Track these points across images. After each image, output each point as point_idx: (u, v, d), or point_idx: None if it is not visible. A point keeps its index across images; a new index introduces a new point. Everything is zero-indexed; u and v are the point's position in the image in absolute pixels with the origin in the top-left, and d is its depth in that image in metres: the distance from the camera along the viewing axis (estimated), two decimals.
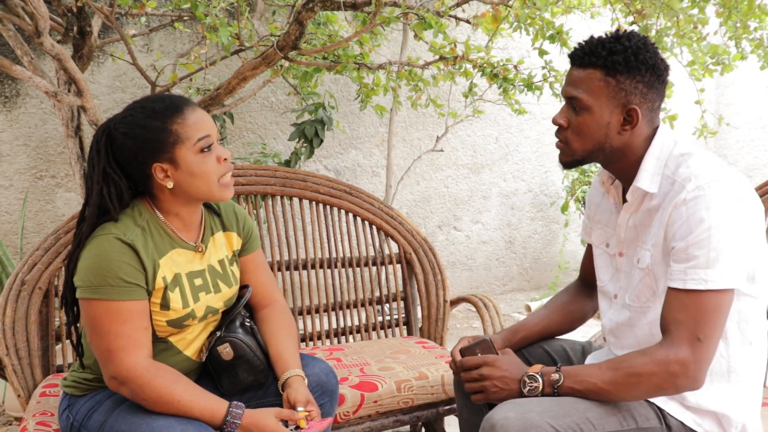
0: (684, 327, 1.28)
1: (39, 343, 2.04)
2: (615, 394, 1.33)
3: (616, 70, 1.36)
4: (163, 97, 1.51)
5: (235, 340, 1.62)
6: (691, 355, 1.27)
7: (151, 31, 3.50)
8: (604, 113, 1.38)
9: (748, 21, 2.81)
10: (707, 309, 1.27)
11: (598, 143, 1.41)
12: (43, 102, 3.79)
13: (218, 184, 1.51)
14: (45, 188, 3.87)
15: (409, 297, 2.66)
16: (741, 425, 1.39)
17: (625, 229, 1.49)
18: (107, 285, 1.42)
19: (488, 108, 4.59)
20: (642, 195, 1.43)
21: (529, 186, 5.23)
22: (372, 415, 2.01)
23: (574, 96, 1.40)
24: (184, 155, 1.47)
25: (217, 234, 1.68)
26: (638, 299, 1.45)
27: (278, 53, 2.49)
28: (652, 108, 1.41)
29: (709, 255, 1.27)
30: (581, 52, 1.41)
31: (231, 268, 1.69)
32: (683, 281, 1.29)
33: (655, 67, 1.38)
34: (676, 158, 1.39)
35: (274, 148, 4.28)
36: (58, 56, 2.35)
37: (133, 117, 1.48)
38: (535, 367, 1.41)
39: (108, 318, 1.42)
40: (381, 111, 3.29)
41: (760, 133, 5.94)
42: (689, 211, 1.30)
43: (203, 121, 1.49)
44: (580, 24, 4.05)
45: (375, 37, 3.13)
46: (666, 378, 1.28)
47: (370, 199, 2.66)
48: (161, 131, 1.45)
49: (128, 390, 1.43)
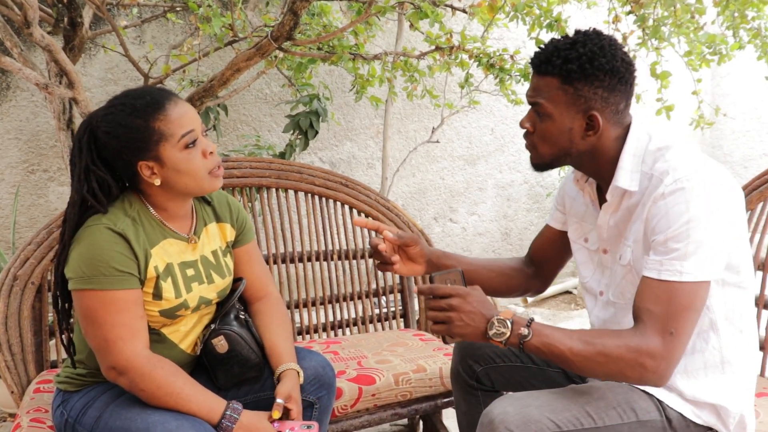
0: (657, 319, 1.26)
1: (32, 338, 2.02)
2: (578, 366, 1.27)
3: (572, 78, 1.35)
4: (144, 93, 1.47)
5: (230, 333, 1.60)
6: (663, 349, 1.24)
7: (143, 22, 3.46)
8: (565, 120, 1.38)
9: (746, 10, 2.79)
10: (680, 303, 1.25)
11: (563, 148, 1.41)
12: (34, 95, 3.75)
13: (207, 177, 1.49)
14: (37, 182, 3.83)
15: (406, 289, 2.65)
16: (739, 415, 1.38)
17: (607, 228, 1.48)
18: (100, 275, 1.40)
19: (484, 99, 4.57)
20: (621, 194, 1.42)
21: (524, 177, 5.21)
22: (370, 408, 2.00)
23: (536, 102, 1.41)
24: (169, 153, 1.44)
25: (210, 225, 1.66)
26: (623, 296, 1.45)
27: (272, 44, 2.45)
28: (617, 110, 1.39)
29: (687, 248, 1.26)
30: (538, 60, 1.40)
31: (225, 259, 1.67)
32: (658, 271, 1.28)
33: (614, 71, 1.35)
34: (652, 153, 1.37)
35: (268, 140, 4.25)
36: (48, 47, 2.31)
37: (115, 115, 1.45)
38: (506, 312, 1.31)
39: (103, 308, 1.40)
40: (376, 102, 3.26)
41: (755, 124, 5.93)
42: (668, 205, 1.29)
43: (186, 116, 1.46)
44: (576, 14, 4.02)
45: (370, 28, 3.10)
46: (634, 367, 1.25)
47: (366, 191, 2.65)
48: (144, 130, 1.42)
49: (127, 380, 1.41)
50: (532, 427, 1.26)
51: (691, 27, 2.84)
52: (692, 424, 1.37)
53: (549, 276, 1.75)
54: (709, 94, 5.62)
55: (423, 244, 1.64)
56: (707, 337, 1.37)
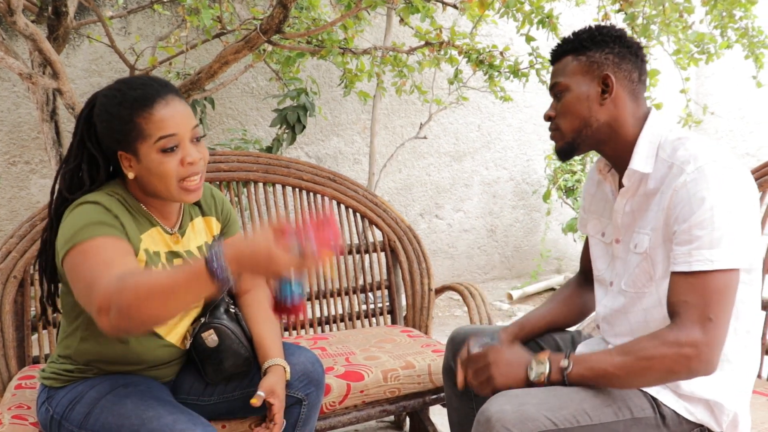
0: (694, 308, 1.26)
1: (14, 333, 1.98)
2: (626, 379, 1.30)
3: (584, 47, 1.45)
4: (143, 84, 1.42)
5: (220, 327, 1.58)
6: (703, 336, 1.25)
7: (129, 13, 3.41)
8: (581, 88, 1.44)
9: (734, 10, 2.81)
10: (716, 289, 1.25)
11: (583, 119, 1.44)
12: (15, 85, 3.69)
13: (177, 187, 1.42)
14: (18, 174, 3.77)
15: (394, 285, 2.64)
16: (733, 413, 1.38)
17: (622, 214, 1.48)
18: (79, 230, 1.34)
19: (471, 95, 4.57)
20: (639, 179, 1.43)
21: (511, 174, 5.23)
22: (358, 405, 1.98)
23: (554, 84, 1.48)
24: (145, 152, 1.40)
25: (197, 219, 1.64)
26: (634, 284, 1.44)
27: (261, 37, 2.43)
28: (630, 78, 1.44)
29: (712, 235, 1.26)
30: (554, 52, 1.51)
31: None
32: (689, 263, 1.28)
33: (621, 38, 1.45)
34: (672, 142, 1.39)
35: (254, 134, 4.22)
36: (32, 36, 2.27)
37: (108, 99, 1.42)
38: (542, 353, 1.38)
39: (82, 257, 1.31)
40: (365, 97, 3.24)
41: (739, 123, 5.99)
42: (690, 192, 1.29)
43: (171, 119, 1.39)
44: (565, 12, 4.03)
45: (359, 22, 3.08)
46: (678, 360, 1.25)
47: (354, 186, 2.63)
48: (126, 122, 1.39)
49: (116, 313, 1.20)
50: (530, 425, 1.25)
51: (680, 26, 2.86)
52: (685, 421, 1.37)
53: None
54: (694, 94, 5.67)
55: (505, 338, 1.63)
56: None
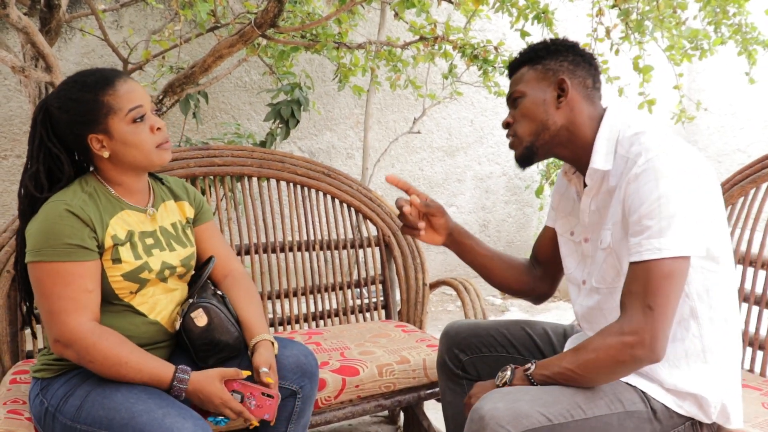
0: (635, 297, 1.28)
1: (7, 328, 1.97)
2: (582, 375, 1.32)
3: (539, 57, 1.51)
4: (95, 71, 1.54)
5: (209, 305, 1.62)
6: (644, 323, 1.26)
7: (122, 6, 3.39)
8: (537, 93, 1.48)
9: (727, 6, 2.82)
10: (657, 277, 1.27)
11: (540, 122, 1.47)
12: (7, 78, 3.66)
13: (155, 151, 1.55)
14: (10, 168, 3.75)
15: (388, 280, 2.64)
16: (720, 405, 1.40)
17: (588, 213, 1.51)
18: (49, 247, 1.44)
19: (464, 90, 4.57)
20: (600, 176, 1.46)
21: (503, 169, 5.23)
22: (353, 399, 1.99)
23: (511, 93, 1.54)
24: (117, 126, 1.50)
25: (168, 202, 1.72)
26: (604, 280, 1.47)
27: (256, 31, 2.42)
28: (585, 84, 1.49)
29: (660, 224, 1.28)
30: (510, 64, 1.57)
31: (185, 231, 1.72)
32: (639, 253, 1.30)
33: (574, 48, 1.51)
34: (629, 138, 1.42)
35: (248, 128, 4.20)
36: (25, 29, 2.25)
37: (66, 91, 1.52)
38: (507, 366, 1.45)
39: (49, 279, 1.44)
40: (359, 92, 3.24)
41: (729, 119, 6.02)
42: (640, 183, 1.32)
43: (134, 92, 1.52)
44: (560, 7, 4.03)
45: (353, 17, 3.07)
46: (622, 349, 1.27)
47: (348, 181, 2.63)
48: (93, 103, 1.49)
49: (73, 352, 1.42)
50: (524, 421, 1.26)
51: (673, 22, 2.86)
52: (675, 414, 1.39)
53: (555, 278, 1.76)
54: (686, 90, 5.69)
55: (447, 216, 1.70)
56: (687, 325, 1.38)
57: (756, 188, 2.11)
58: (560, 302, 4.58)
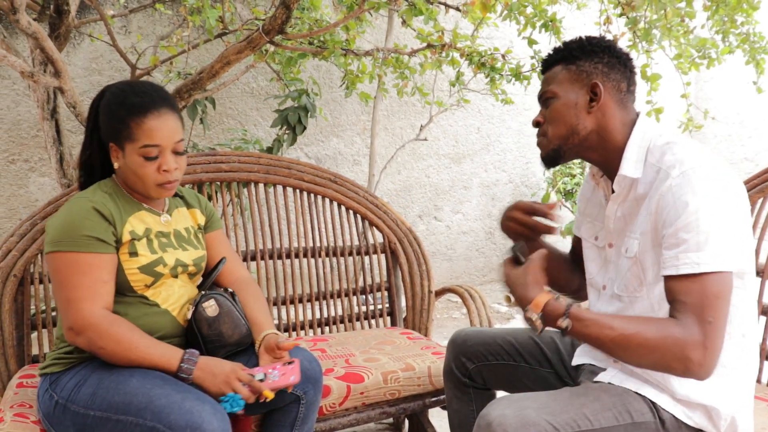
0: (691, 309, 1.25)
1: (14, 332, 1.98)
2: (617, 352, 1.28)
3: (574, 57, 1.46)
4: (144, 92, 1.57)
5: (219, 297, 1.67)
6: (705, 339, 1.23)
7: (131, 12, 3.41)
8: (570, 96, 1.45)
9: (735, 15, 2.81)
10: (710, 292, 1.24)
11: (570, 126, 1.45)
12: (15, 83, 3.68)
13: (154, 188, 1.59)
14: (17, 172, 3.76)
15: (393, 287, 2.64)
16: (730, 418, 1.38)
17: (614, 219, 1.49)
18: (69, 238, 1.50)
19: (471, 98, 4.57)
20: (629, 184, 1.43)
21: (510, 177, 5.23)
22: (358, 406, 1.98)
23: (543, 92, 1.50)
24: (130, 152, 1.56)
25: (181, 209, 1.77)
26: (627, 289, 1.45)
27: (264, 37, 2.43)
28: (619, 88, 1.45)
29: (698, 238, 1.26)
30: (544, 61, 1.53)
31: (197, 235, 1.77)
32: (676, 267, 1.27)
33: (610, 48, 1.46)
34: (660, 147, 1.39)
35: (254, 134, 4.21)
36: (35, 35, 2.26)
37: (114, 95, 1.58)
38: (541, 299, 1.34)
39: (68, 269, 1.50)
40: (366, 98, 3.24)
41: (737, 128, 6.01)
42: (675, 196, 1.30)
43: (158, 131, 1.55)
44: (567, 15, 4.04)
45: (360, 24, 3.08)
46: (681, 359, 1.23)
47: (354, 187, 2.63)
48: (121, 122, 1.55)
49: (85, 339, 1.47)
50: (531, 429, 1.25)
51: (681, 30, 2.86)
52: (684, 425, 1.37)
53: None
54: (693, 98, 5.68)
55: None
56: None
57: (764, 198, 2.10)
58: None
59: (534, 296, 1.35)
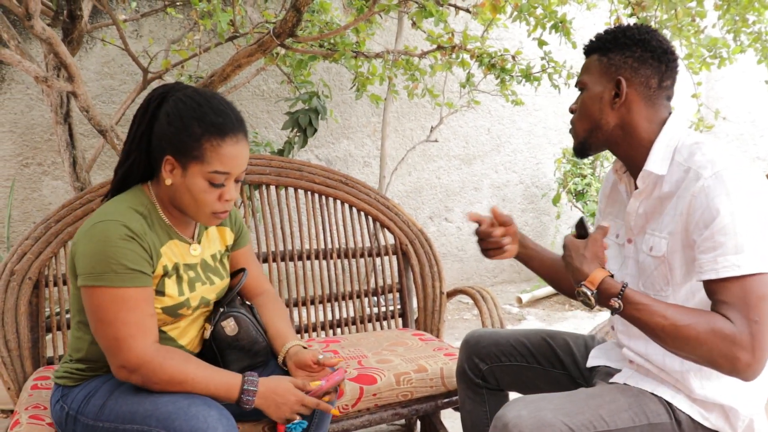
0: (737, 309, 1.23)
1: (29, 334, 1.99)
2: (665, 343, 1.28)
3: (607, 49, 1.44)
4: (224, 112, 1.45)
5: (239, 315, 1.63)
6: (753, 340, 1.21)
7: (143, 16, 3.43)
8: (596, 88, 1.45)
9: (747, 14, 2.80)
10: (753, 294, 1.23)
11: (594, 121, 1.45)
12: (29, 88, 3.71)
13: (208, 215, 1.49)
14: (31, 176, 3.79)
15: (405, 288, 2.64)
16: (748, 419, 1.38)
17: (635, 216, 1.48)
18: (111, 272, 1.39)
19: (481, 99, 4.57)
20: (653, 181, 1.42)
21: (520, 177, 5.22)
22: (371, 408, 1.99)
23: (578, 81, 1.50)
24: (195, 173, 1.43)
25: (211, 229, 1.68)
26: (653, 287, 1.44)
27: (275, 40, 2.44)
28: (648, 85, 1.42)
29: (736, 240, 1.25)
30: (585, 47, 1.52)
31: (222, 262, 1.70)
32: (715, 271, 1.26)
33: (645, 42, 1.41)
34: (689, 146, 1.38)
35: (265, 137, 4.23)
36: (48, 40, 2.28)
37: (186, 106, 1.44)
38: (597, 276, 1.33)
39: (114, 306, 1.39)
40: (377, 100, 3.25)
41: (749, 127, 5.97)
42: (709, 197, 1.28)
43: (233, 159, 1.44)
44: (577, 15, 4.03)
45: (370, 26, 3.09)
46: (730, 359, 1.22)
47: (366, 189, 2.63)
48: (195, 139, 1.42)
49: (139, 377, 1.40)
50: (547, 430, 1.25)
51: (692, 30, 2.85)
52: (700, 427, 1.37)
53: None
54: (704, 98, 5.65)
55: (515, 224, 1.67)
56: None
57: None
58: (577, 311, 4.55)
59: (590, 271, 1.34)
